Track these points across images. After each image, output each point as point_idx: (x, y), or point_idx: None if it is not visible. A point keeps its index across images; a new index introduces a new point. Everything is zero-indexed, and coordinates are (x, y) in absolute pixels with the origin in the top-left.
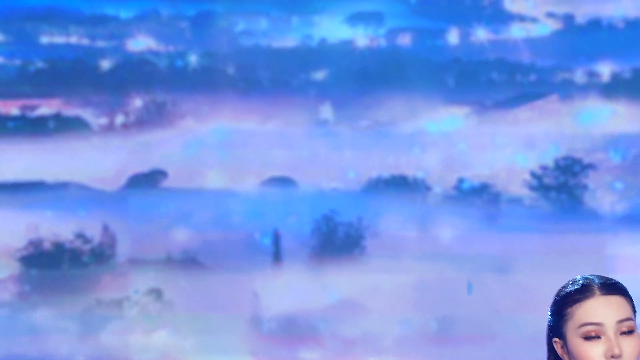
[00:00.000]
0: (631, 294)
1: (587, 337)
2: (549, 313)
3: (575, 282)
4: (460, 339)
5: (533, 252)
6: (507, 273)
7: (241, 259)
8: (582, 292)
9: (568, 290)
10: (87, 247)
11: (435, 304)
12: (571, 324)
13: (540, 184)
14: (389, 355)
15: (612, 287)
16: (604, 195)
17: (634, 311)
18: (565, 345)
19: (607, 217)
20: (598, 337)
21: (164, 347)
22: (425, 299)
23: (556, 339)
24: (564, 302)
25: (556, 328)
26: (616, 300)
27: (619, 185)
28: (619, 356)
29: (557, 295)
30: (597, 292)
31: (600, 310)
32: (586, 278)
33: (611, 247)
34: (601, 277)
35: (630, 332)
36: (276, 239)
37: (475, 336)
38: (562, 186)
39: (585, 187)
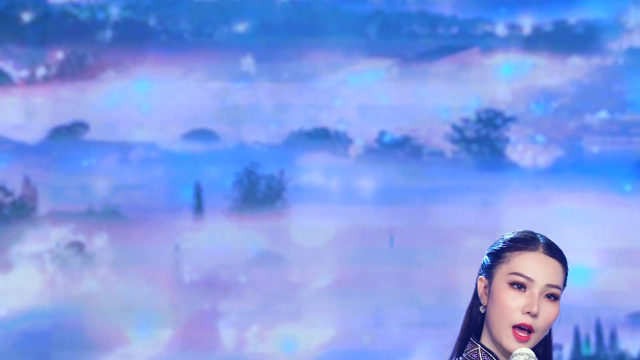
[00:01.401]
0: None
1: (513, 286)
2: (487, 252)
3: (523, 232)
4: (382, 291)
5: (455, 205)
6: (429, 226)
7: (163, 211)
8: (528, 243)
9: (514, 236)
10: (8, 200)
11: (356, 256)
12: (505, 267)
13: (461, 136)
14: (310, 307)
15: (555, 251)
16: (525, 148)
17: (565, 285)
18: (489, 285)
19: (528, 170)
20: (523, 290)
21: (86, 299)
22: (346, 251)
23: (483, 277)
24: (506, 246)
25: (488, 268)
26: (554, 265)
27: (540, 138)
28: (535, 315)
29: (500, 238)
30: (541, 249)
31: (536, 266)
32: (534, 233)
33: (533, 199)
34: (548, 239)
35: (554, 299)
36: (198, 192)
37: (396, 288)
38: (484, 139)
39: (506, 140)
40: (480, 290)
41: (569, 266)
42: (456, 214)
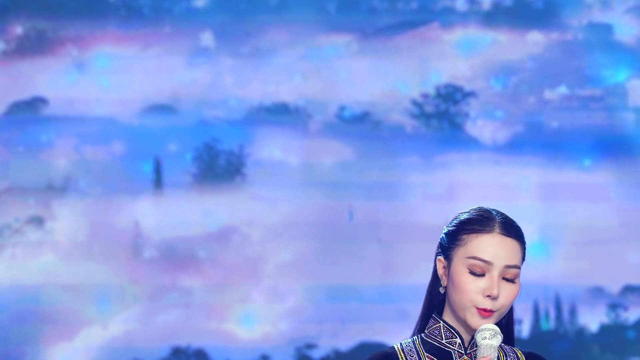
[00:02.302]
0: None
1: (472, 271)
2: (444, 232)
3: (479, 211)
4: (341, 266)
5: (414, 180)
6: (388, 200)
7: (122, 186)
8: (483, 224)
9: (469, 217)
10: None
11: (316, 231)
12: (462, 250)
13: (421, 111)
14: (269, 281)
15: (512, 229)
16: (485, 124)
17: (524, 260)
18: (448, 267)
19: (488, 145)
20: (482, 274)
21: (45, 274)
22: (306, 226)
23: (441, 259)
24: (462, 228)
25: (446, 249)
26: (511, 244)
27: (499, 113)
28: (495, 298)
29: (456, 217)
30: (497, 230)
31: (493, 249)
32: (490, 212)
33: (492, 174)
34: (505, 216)
35: (512, 279)
36: (157, 167)
37: (355, 263)
38: (444, 114)
39: (466, 115)
40: (440, 271)
41: (527, 241)
42: (415, 189)
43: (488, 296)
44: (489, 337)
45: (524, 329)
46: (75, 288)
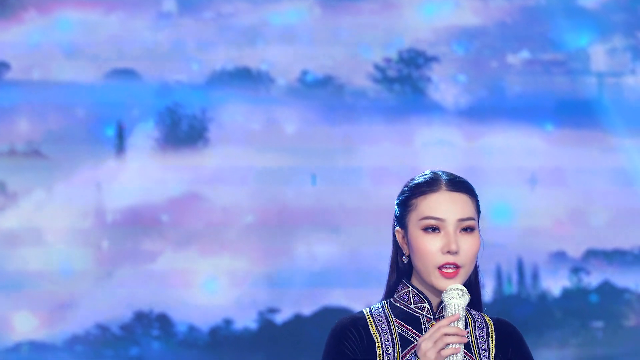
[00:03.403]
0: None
1: (427, 230)
2: (396, 203)
3: (424, 175)
4: (304, 230)
5: (377, 144)
6: (351, 165)
7: (85, 151)
8: (429, 185)
9: (416, 182)
10: None
11: (278, 195)
12: (414, 215)
13: (383, 76)
14: (232, 246)
15: (459, 185)
16: (447, 88)
17: (478, 212)
18: (406, 235)
19: (450, 110)
20: (438, 231)
21: (7, 238)
22: (269, 190)
23: (399, 229)
24: (411, 193)
25: (400, 218)
26: (461, 198)
27: (462, 78)
28: (455, 252)
29: (405, 186)
30: (444, 187)
31: (443, 205)
32: (435, 173)
33: (455, 139)
34: (450, 174)
35: (470, 230)
36: (120, 131)
37: (318, 226)
38: (406, 78)
39: (428, 80)
40: (400, 241)
41: (490, 206)
42: (378, 153)
43: (448, 252)
44: (457, 297)
45: (486, 294)
46: (37, 253)
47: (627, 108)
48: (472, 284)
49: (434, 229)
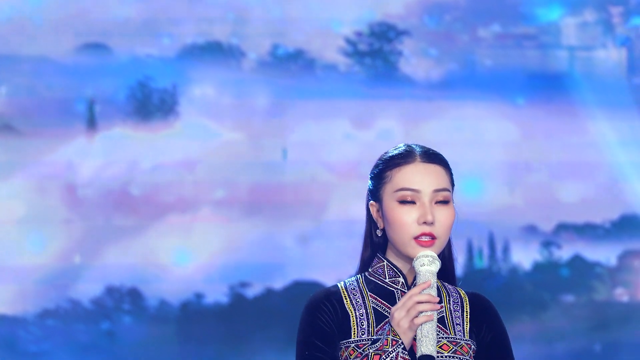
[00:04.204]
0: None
1: (403, 202)
2: (370, 177)
3: (398, 148)
4: (275, 204)
5: (348, 118)
6: (322, 138)
7: (56, 125)
8: (403, 157)
9: (390, 154)
10: None
11: (249, 169)
12: (389, 187)
13: (355, 50)
14: (204, 220)
15: (433, 156)
16: (418, 62)
17: (452, 185)
18: (380, 208)
19: (421, 83)
20: (413, 202)
21: None
22: (239, 164)
23: (373, 202)
24: (385, 166)
25: (374, 191)
26: (435, 169)
27: (433, 51)
28: (431, 223)
29: (379, 159)
30: (418, 159)
31: (418, 176)
32: (409, 145)
33: (426, 112)
34: (424, 147)
35: (445, 202)
36: (91, 106)
37: (289, 201)
38: (377, 52)
39: (400, 54)
40: (374, 215)
41: (461, 179)
42: (349, 127)
43: (424, 223)
44: (428, 264)
45: (457, 267)
46: (8, 228)
47: (598, 82)
48: (446, 258)
49: (410, 200)
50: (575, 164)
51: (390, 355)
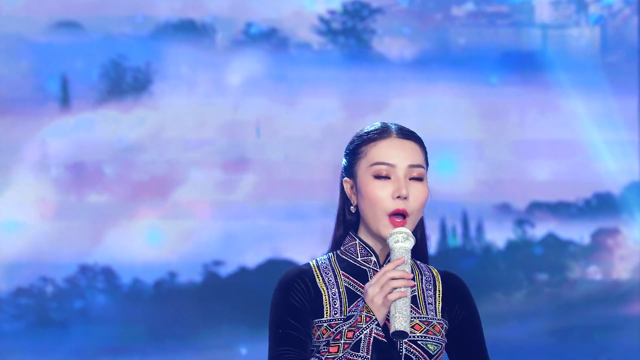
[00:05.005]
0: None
1: (377, 176)
2: (345, 154)
3: (373, 125)
4: (248, 183)
5: (321, 97)
6: (295, 117)
7: (29, 103)
8: (379, 132)
9: (365, 130)
10: None
11: (223, 147)
12: (364, 161)
13: (328, 28)
14: (177, 198)
15: (409, 133)
16: (391, 40)
17: (427, 164)
18: (355, 184)
19: (395, 62)
20: (388, 177)
21: None
22: (213, 142)
23: (347, 179)
24: (360, 141)
25: (349, 167)
26: (411, 146)
27: (406, 30)
28: (405, 197)
29: (354, 136)
30: (394, 134)
31: (394, 151)
32: (384, 122)
33: (399, 91)
34: (399, 124)
35: (419, 179)
36: (64, 84)
37: (263, 179)
38: (350, 31)
39: (373, 32)
40: (348, 191)
41: (435, 158)
42: (322, 106)
43: (398, 197)
44: (402, 240)
45: (431, 246)
46: None
47: (571, 60)
48: (419, 237)
49: (385, 175)
50: (549, 142)
51: (365, 332)
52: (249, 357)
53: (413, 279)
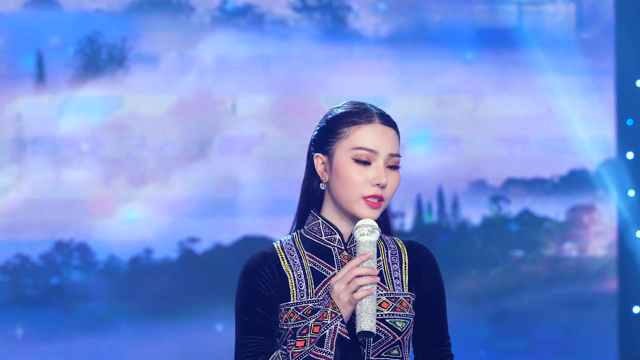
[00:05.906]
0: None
1: (358, 160)
2: (317, 128)
3: (354, 104)
4: (224, 159)
5: (297, 74)
6: (270, 93)
7: (4, 80)
8: (363, 116)
9: (347, 110)
10: None
11: (199, 124)
12: (345, 143)
13: (303, 5)
14: (153, 176)
15: (390, 120)
16: (367, 17)
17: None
18: (329, 162)
19: (370, 39)
20: (368, 163)
21: None
22: (189, 119)
23: (319, 155)
24: (341, 121)
25: (323, 144)
26: (391, 133)
27: (382, 6)
28: (384, 186)
29: (330, 112)
30: (377, 120)
31: (377, 138)
32: (364, 104)
33: (374, 68)
34: (378, 108)
35: (396, 167)
36: (39, 60)
37: (238, 156)
38: (326, 7)
39: (349, 9)
40: (319, 168)
41: (410, 135)
42: (297, 83)
43: (377, 185)
44: (367, 234)
45: (407, 223)
46: None
47: (546, 36)
48: (383, 215)
49: (365, 161)
50: (524, 118)
51: (329, 328)
52: (225, 334)
53: (378, 256)
